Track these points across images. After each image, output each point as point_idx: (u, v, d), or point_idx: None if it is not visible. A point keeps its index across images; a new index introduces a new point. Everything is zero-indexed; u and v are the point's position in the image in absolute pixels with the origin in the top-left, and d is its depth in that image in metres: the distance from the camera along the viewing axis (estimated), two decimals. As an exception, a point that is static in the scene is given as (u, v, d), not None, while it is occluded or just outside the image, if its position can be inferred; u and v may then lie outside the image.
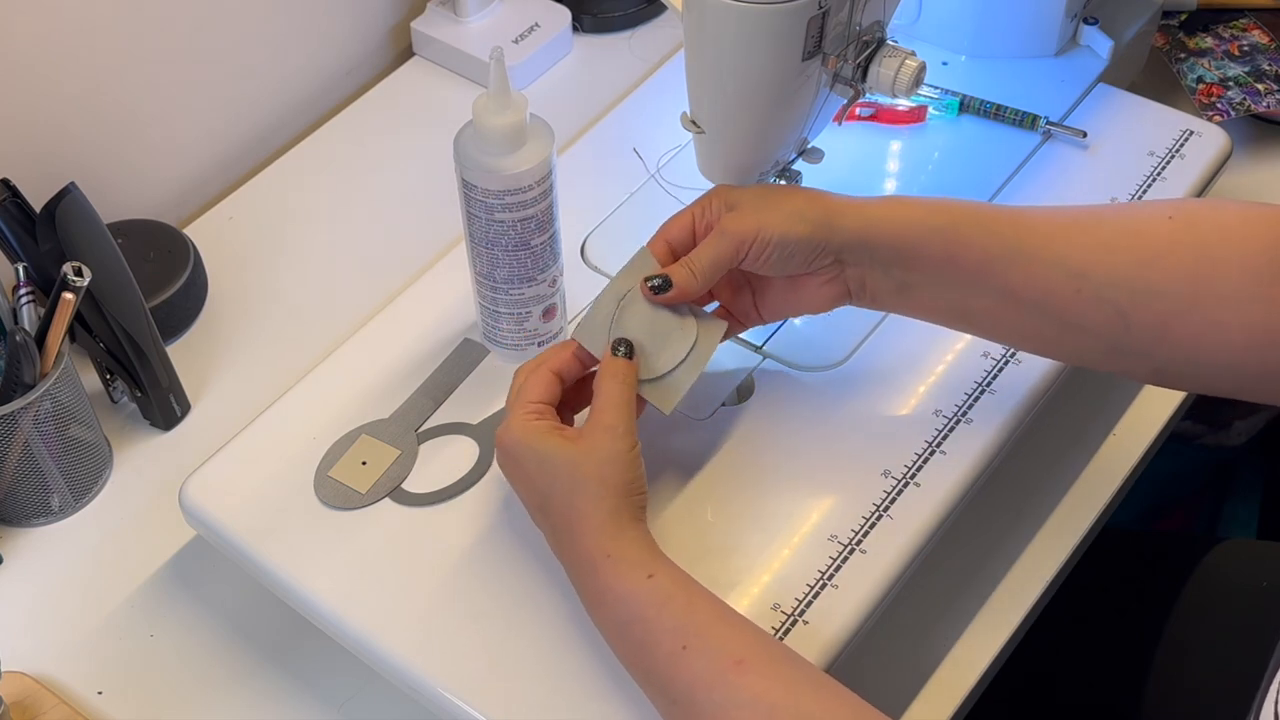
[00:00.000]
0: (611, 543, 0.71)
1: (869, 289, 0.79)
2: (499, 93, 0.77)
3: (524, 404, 0.75)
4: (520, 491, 0.76)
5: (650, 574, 0.70)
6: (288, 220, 1.07)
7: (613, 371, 0.76)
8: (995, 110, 1.00)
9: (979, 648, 0.84)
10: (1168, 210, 0.75)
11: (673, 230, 0.80)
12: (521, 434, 0.74)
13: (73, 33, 0.95)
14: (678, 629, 0.68)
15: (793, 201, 0.77)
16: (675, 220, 0.80)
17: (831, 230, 0.76)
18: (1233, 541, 1.02)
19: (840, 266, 0.78)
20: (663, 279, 0.78)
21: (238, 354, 0.99)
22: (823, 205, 0.77)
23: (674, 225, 0.80)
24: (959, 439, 0.82)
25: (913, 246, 0.76)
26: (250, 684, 0.82)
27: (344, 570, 0.78)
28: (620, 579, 0.70)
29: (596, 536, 0.71)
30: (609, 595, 0.70)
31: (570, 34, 1.18)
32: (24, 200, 0.87)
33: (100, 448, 0.92)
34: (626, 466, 0.73)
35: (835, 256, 0.77)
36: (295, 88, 1.13)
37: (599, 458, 0.72)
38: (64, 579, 0.87)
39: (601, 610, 0.71)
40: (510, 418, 0.75)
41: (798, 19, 0.78)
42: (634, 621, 0.69)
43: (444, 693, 0.74)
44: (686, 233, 0.80)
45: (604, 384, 0.75)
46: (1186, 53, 1.12)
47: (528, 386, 0.76)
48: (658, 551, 0.72)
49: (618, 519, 0.71)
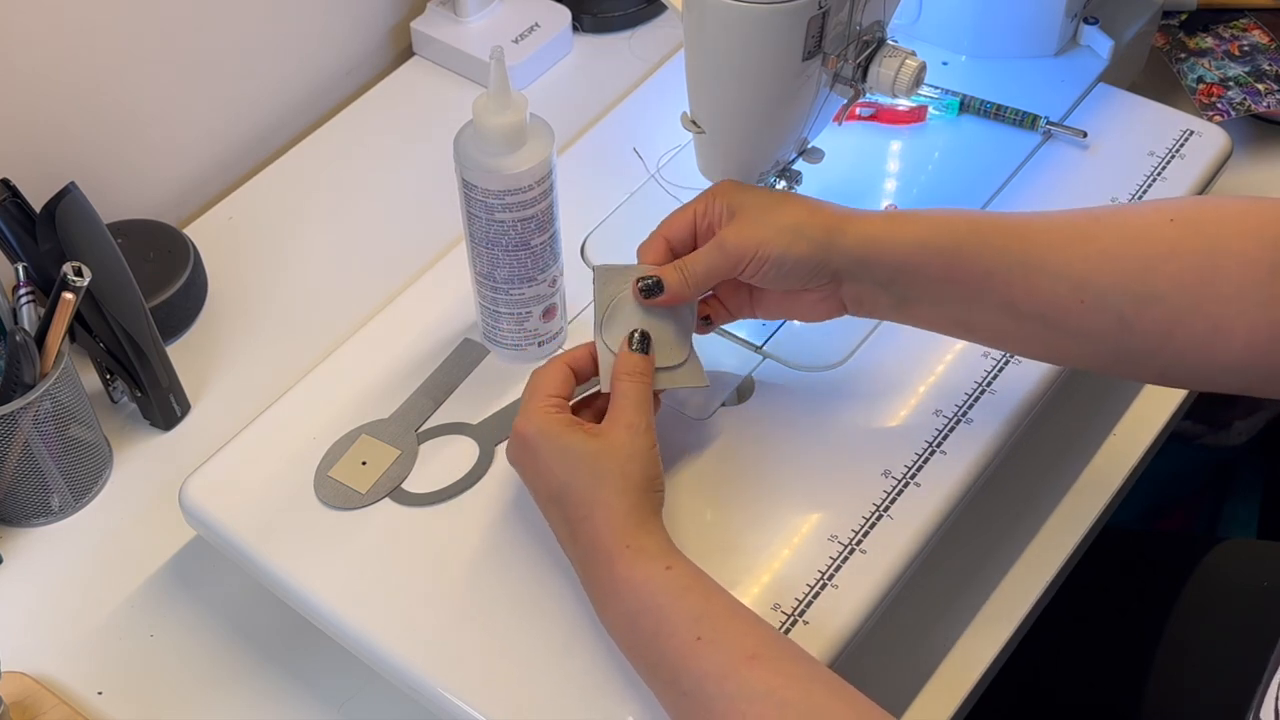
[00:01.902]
0: (632, 534, 0.71)
1: (866, 304, 0.79)
2: (499, 93, 0.77)
3: (542, 396, 0.76)
4: (532, 482, 0.76)
5: (668, 566, 0.70)
6: (288, 220, 1.07)
7: (629, 369, 0.76)
8: (995, 110, 1.00)
9: (979, 648, 0.84)
10: (1169, 213, 0.75)
11: (673, 227, 0.80)
12: (543, 424, 0.74)
13: (73, 33, 0.95)
14: (693, 620, 0.68)
15: (794, 214, 0.77)
16: (676, 217, 0.80)
17: (830, 249, 0.76)
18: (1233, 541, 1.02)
19: (838, 284, 0.78)
20: (654, 280, 0.78)
21: (238, 354, 0.99)
22: (823, 222, 0.77)
23: (675, 222, 0.80)
24: (959, 439, 0.82)
25: (912, 265, 0.76)
26: (250, 684, 0.82)
27: (344, 570, 0.78)
28: (638, 569, 0.70)
29: (618, 528, 0.71)
30: (625, 585, 0.70)
31: (570, 34, 1.18)
32: (24, 200, 0.87)
33: (100, 448, 0.92)
34: (649, 463, 0.73)
35: (833, 275, 0.77)
36: (295, 88, 1.13)
37: (623, 453, 0.73)
38: (64, 579, 0.87)
39: (615, 600, 0.71)
40: (529, 409, 0.75)
41: (798, 19, 0.78)
42: (648, 611, 0.69)
43: (444, 693, 0.74)
44: (688, 231, 0.80)
45: (621, 382, 0.75)
46: (1187, 53, 1.12)
47: (545, 380, 0.76)
48: (675, 547, 0.72)
49: (639, 512, 0.72)
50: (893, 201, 0.95)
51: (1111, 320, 0.73)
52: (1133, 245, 0.74)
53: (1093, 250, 0.74)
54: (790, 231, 0.76)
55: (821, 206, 0.78)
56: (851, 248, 0.76)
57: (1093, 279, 0.73)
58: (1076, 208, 0.78)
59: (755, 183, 0.89)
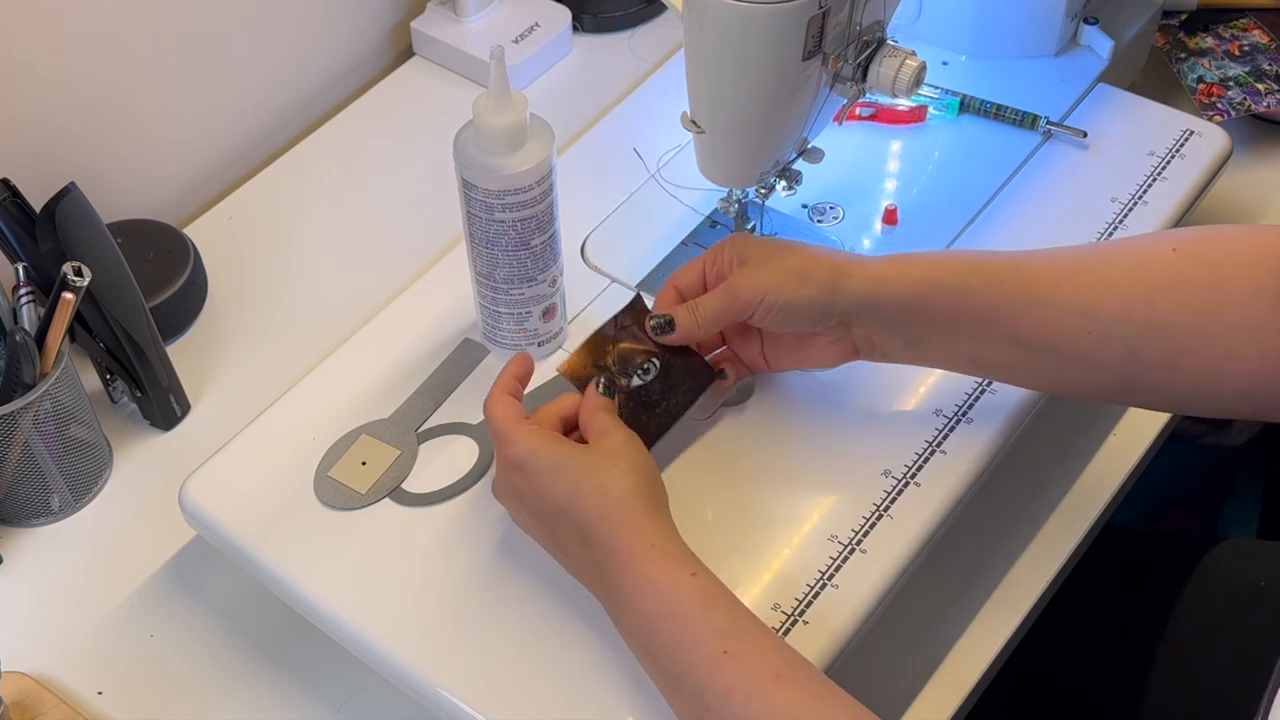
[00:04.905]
0: (653, 534, 0.70)
1: (878, 347, 0.79)
2: (499, 92, 0.77)
3: (515, 420, 0.75)
4: (532, 503, 0.74)
5: (693, 572, 0.70)
6: (288, 220, 1.07)
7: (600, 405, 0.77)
8: (995, 110, 1.00)
9: (979, 648, 0.84)
10: (1171, 243, 0.75)
11: (683, 279, 0.81)
12: (532, 443, 0.73)
13: (73, 33, 0.95)
14: (720, 633, 0.67)
15: (800, 259, 0.78)
16: (686, 269, 0.82)
17: (836, 292, 0.77)
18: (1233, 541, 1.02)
19: (846, 328, 0.79)
20: (666, 319, 0.79)
21: (238, 354, 0.99)
22: (829, 265, 0.78)
23: (685, 274, 0.81)
24: (959, 439, 0.82)
25: (919, 303, 0.77)
26: (250, 684, 0.82)
27: (344, 570, 0.78)
28: (663, 571, 0.69)
29: (640, 524, 0.70)
30: (649, 586, 0.69)
31: (570, 34, 1.18)
32: (24, 200, 0.87)
33: (100, 448, 0.92)
34: (652, 465, 0.74)
35: (841, 319, 0.78)
36: (295, 88, 1.13)
37: (628, 453, 0.73)
38: (64, 579, 0.87)
39: (637, 600, 0.69)
40: (510, 434, 0.74)
41: (798, 19, 0.78)
42: (673, 616, 0.68)
43: (444, 693, 0.74)
44: (697, 282, 0.81)
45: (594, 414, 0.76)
46: (1187, 53, 1.12)
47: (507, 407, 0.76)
48: (692, 552, 0.72)
49: (658, 511, 0.72)
50: (893, 201, 0.95)
51: (1120, 350, 0.74)
52: (1136, 274, 0.74)
53: (1095, 280, 0.75)
54: (797, 276, 0.77)
55: (827, 252, 0.79)
56: (858, 289, 0.77)
57: (1098, 309, 0.74)
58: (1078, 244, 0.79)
59: (755, 182, 0.89)
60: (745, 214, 0.93)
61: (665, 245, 0.94)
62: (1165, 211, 0.94)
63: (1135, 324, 0.73)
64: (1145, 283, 0.74)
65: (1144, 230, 0.93)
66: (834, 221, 0.95)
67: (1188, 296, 0.73)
